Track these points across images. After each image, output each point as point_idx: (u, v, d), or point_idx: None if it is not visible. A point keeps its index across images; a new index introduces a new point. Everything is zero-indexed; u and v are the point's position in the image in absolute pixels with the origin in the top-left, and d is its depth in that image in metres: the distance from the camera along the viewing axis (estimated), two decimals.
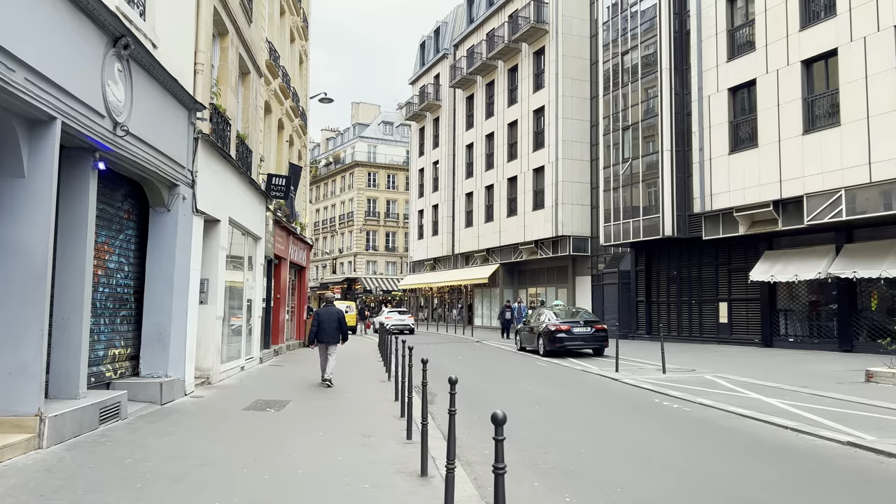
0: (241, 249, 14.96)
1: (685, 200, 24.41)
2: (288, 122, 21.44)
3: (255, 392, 11.31)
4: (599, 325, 19.86)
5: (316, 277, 72.58)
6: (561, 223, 31.53)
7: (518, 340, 22.82)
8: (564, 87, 31.96)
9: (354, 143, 69.24)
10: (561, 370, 16.29)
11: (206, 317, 11.96)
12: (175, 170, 9.88)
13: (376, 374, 15.33)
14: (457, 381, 5.75)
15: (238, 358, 14.73)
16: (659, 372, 15.01)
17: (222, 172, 12.39)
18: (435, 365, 18.98)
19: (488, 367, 17.16)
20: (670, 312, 26.23)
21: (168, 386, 9.58)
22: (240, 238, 14.79)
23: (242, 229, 14.53)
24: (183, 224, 10.22)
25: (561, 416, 9.78)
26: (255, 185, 15.35)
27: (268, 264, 17.79)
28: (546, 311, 21.66)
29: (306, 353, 21.23)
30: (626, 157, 26.39)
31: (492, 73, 38.42)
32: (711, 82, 22.48)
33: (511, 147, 36.39)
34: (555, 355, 19.82)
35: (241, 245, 14.99)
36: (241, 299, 15.03)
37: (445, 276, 43.15)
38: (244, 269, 15.14)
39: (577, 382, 13.79)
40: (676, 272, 26.09)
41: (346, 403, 10.34)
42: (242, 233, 14.80)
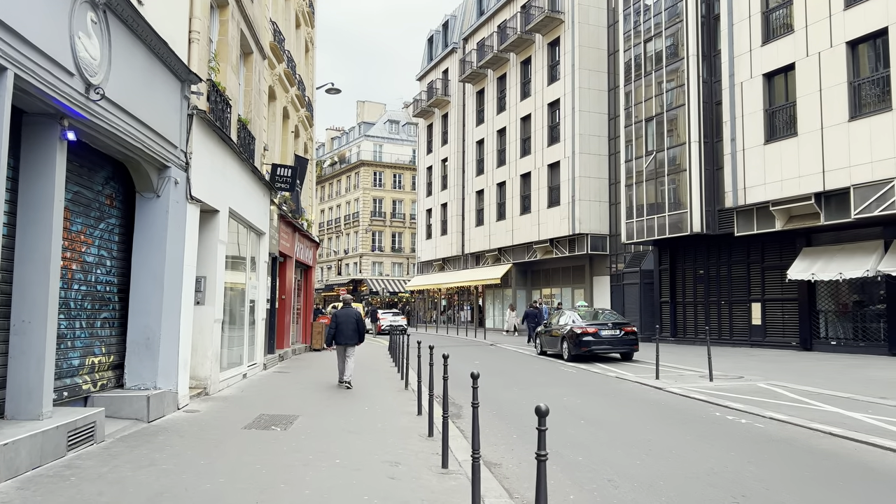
0: (242, 245, 13.61)
1: (714, 195, 22.99)
2: (293, 111, 20.11)
3: (258, 405, 9.95)
4: (628, 327, 18.46)
5: (321, 279, 71.28)
6: (578, 220, 30.13)
7: (538, 344, 21.43)
8: (581, 78, 30.58)
9: (360, 142, 67.95)
10: (592, 377, 14.89)
11: (202, 319, 10.61)
12: (165, 149, 8.53)
13: (390, 380, 13.97)
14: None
15: (239, 364, 13.38)
16: (704, 379, 13.62)
17: (221, 157, 11.05)
18: (450, 370, 17.65)
19: (511, 374, 15.78)
20: (697, 314, 24.80)
21: (157, 399, 8.22)
22: (241, 232, 13.44)
23: (244, 222, 13.18)
24: (175, 212, 8.87)
25: (615, 434, 8.39)
26: (259, 175, 14.01)
27: (272, 262, 16.44)
28: (569, 312, 20.27)
29: (313, 357, 19.87)
30: (649, 150, 24.99)
31: (503, 66, 37.06)
32: (744, 68, 21.07)
33: (524, 142, 35.02)
34: (580, 360, 18.43)
35: (243, 240, 13.65)
36: (243, 300, 13.68)
37: (455, 276, 41.77)
38: (246, 267, 13.79)
39: (616, 392, 12.39)
40: (703, 271, 24.66)
41: (362, 419, 8.97)
42: (244, 226, 13.45)
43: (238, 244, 13.27)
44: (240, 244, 13.42)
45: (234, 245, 12.94)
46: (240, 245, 13.42)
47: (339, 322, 12.36)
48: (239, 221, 12.89)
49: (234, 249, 12.99)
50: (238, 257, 13.38)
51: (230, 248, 12.73)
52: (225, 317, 12.44)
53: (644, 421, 9.32)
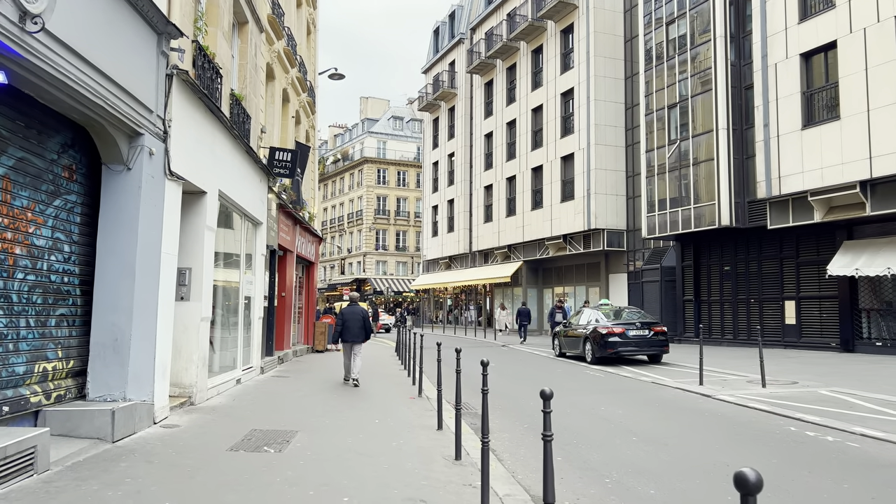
0: (235, 235, 12.17)
1: (744, 185, 21.51)
2: (294, 94, 18.68)
3: (250, 417, 8.50)
4: (658, 326, 16.98)
5: (324, 278, 69.87)
6: (594, 215, 28.64)
7: (557, 345, 19.95)
8: (597, 66, 29.10)
9: (363, 138, 66.52)
10: (626, 382, 13.41)
11: (187, 317, 9.17)
12: (137, 112, 7.09)
13: (400, 385, 12.53)
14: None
15: (233, 369, 11.93)
16: (754, 385, 12.14)
17: (209, 131, 9.61)
18: (465, 373, 16.18)
19: (534, 379, 14.31)
20: (724, 313, 23.30)
21: (125, 414, 6.77)
22: (234, 220, 12.00)
23: (237, 209, 11.74)
24: (150, 189, 7.43)
25: (680, 456, 6.92)
26: (255, 158, 12.57)
27: (270, 256, 15.00)
28: (591, 311, 18.79)
29: (315, 360, 18.42)
30: (672, 139, 23.51)
31: (513, 55, 35.59)
32: (778, 48, 19.58)
33: (535, 134, 33.54)
34: (605, 363, 16.97)
35: (237, 230, 12.21)
36: (238, 297, 12.24)
37: (462, 275, 40.30)
38: (240, 260, 12.34)
39: (659, 400, 10.91)
40: (730, 267, 23.17)
41: (374, 435, 7.52)
42: (238, 213, 12.01)
43: (230, 233, 11.83)
44: (233, 233, 11.99)
45: (225, 234, 11.50)
46: (233, 234, 11.98)
47: (345, 320, 12.36)
48: (231, 207, 11.45)
49: (225, 239, 11.55)
50: (231, 249, 11.95)
51: (222, 238, 11.29)
52: (216, 315, 11.01)
53: (708, 438, 7.84)
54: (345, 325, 12.32)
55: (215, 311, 11.14)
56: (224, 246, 11.49)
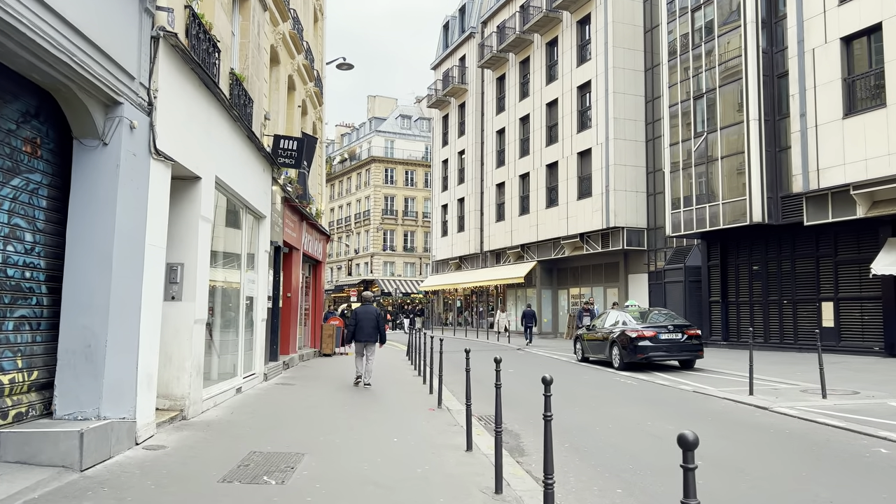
0: (236, 227, 11.06)
1: (777, 179, 20.27)
2: (300, 82, 17.58)
3: (250, 435, 7.37)
4: (691, 329, 15.78)
5: (331, 279, 68.84)
6: (613, 213, 27.43)
7: (579, 349, 18.76)
8: (615, 57, 27.91)
9: (371, 137, 65.47)
10: (664, 392, 12.21)
11: (178, 319, 8.06)
12: (114, 77, 5.98)
13: (417, 394, 11.39)
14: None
15: (233, 376, 10.81)
16: (812, 396, 10.93)
17: (205, 109, 8.49)
18: (482, 379, 14.99)
19: (561, 387, 13.11)
20: (753, 315, 22.05)
21: (97, 435, 5.65)
22: (234, 212, 10.89)
23: (238, 199, 10.62)
24: (131, 169, 6.32)
25: (765, 487, 5.73)
26: (258, 144, 11.46)
27: (275, 253, 13.89)
28: (616, 312, 17.61)
29: (323, 364, 17.29)
30: (698, 132, 22.29)
31: (526, 48, 34.44)
32: (816, 32, 18.35)
33: (550, 130, 32.37)
34: (634, 368, 15.79)
35: (237, 222, 11.10)
36: (239, 297, 11.13)
37: (473, 276, 39.13)
38: (241, 256, 11.23)
39: (710, 414, 9.71)
40: (760, 267, 21.92)
41: (393, 459, 6.37)
42: (238, 204, 10.90)
43: (229, 226, 10.72)
44: (233, 227, 10.88)
45: (224, 227, 10.39)
46: (233, 228, 10.87)
47: (358, 319, 12.16)
48: (231, 197, 10.33)
49: (224, 233, 10.44)
50: (230, 245, 10.84)
51: (220, 231, 10.19)
52: (214, 317, 9.90)
53: (788, 463, 6.65)
54: (358, 324, 12.14)
55: (213, 312, 10.03)
56: (223, 241, 10.38)
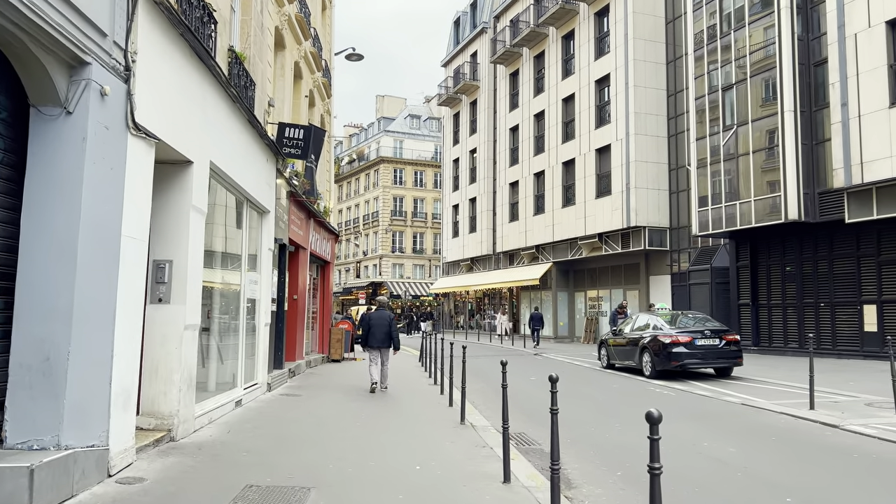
0: (235, 222, 9.99)
1: (813, 174, 19.04)
2: (307, 71, 16.52)
3: (247, 461, 6.27)
4: (730, 335, 14.59)
5: (339, 282, 67.86)
6: (633, 211, 26.23)
7: (604, 355, 17.59)
8: (636, 49, 26.73)
9: (379, 137, 64.46)
10: (708, 404, 11.03)
11: (166, 325, 6.98)
12: (79, 28, 4.89)
13: (434, 406, 10.30)
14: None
15: (232, 387, 9.73)
16: (883, 410, 9.73)
17: (197, 83, 7.41)
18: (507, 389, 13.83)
19: (591, 398, 11.97)
20: (786, 318, 20.81)
21: (53, 471, 4.56)
22: (233, 204, 9.81)
23: (236, 189, 9.54)
24: (102, 144, 5.24)
25: None
26: (260, 131, 10.38)
27: (279, 251, 12.81)
28: (646, 316, 16.44)
29: (332, 371, 16.18)
30: (727, 125, 21.08)
31: (541, 42, 33.31)
32: (859, 16, 17.13)
33: (566, 126, 31.20)
34: (667, 377, 14.61)
35: (237, 216, 10.02)
36: (238, 299, 10.05)
37: (485, 278, 37.98)
38: (242, 253, 10.14)
39: (773, 432, 8.53)
40: (794, 268, 20.67)
41: (418, 495, 5.25)
42: (238, 196, 9.81)
43: (228, 220, 9.65)
44: (231, 220, 9.80)
45: (221, 220, 9.32)
46: (231, 222, 9.80)
47: (371, 325, 11.76)
48: (229, 187, 9.25)
49: (222, 227, 9.37)
50: (229, 241, 9.77)
51: (218, 225, 9.11)
52: (211, 322, 8.83)
53: None
54: (370, 330, 11.74)
55: (210, 316, 8.96)
56: (220, 236, 9.31)
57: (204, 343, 8.79)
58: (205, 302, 8.72)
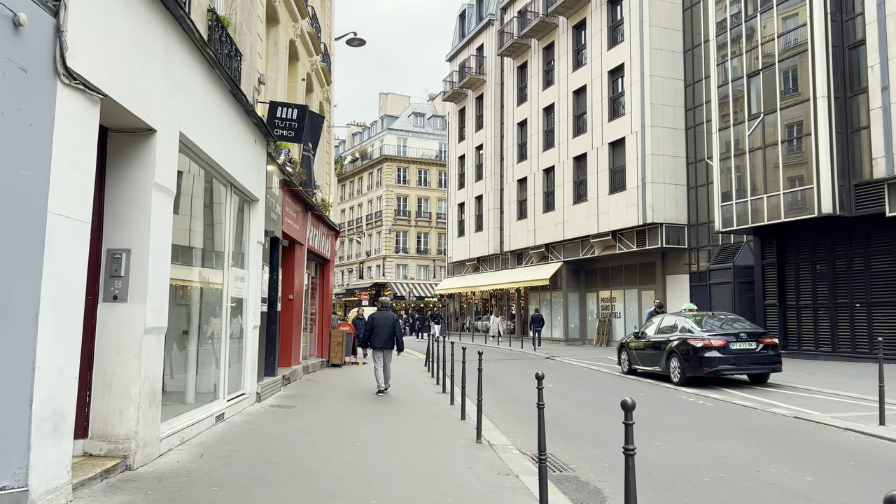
0: (216, 209, 8.72)
1: (849, 164, 17.72)
2: (304, 52, 15.28)
3: (214, 501, 5.00)
4: (767, 338, 13.29)
5: (342, 283, 66.65)
6: (650, 208, 24.91)
7: (625, 359, 16.29)
8: (651, 38, 25.43)
9: (383, 136, 63.23)
10: (755, 417, 9.73)
11: (122, 328, 5.73)
12: None
13: (444, 419, 9.03)
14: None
15: (212, 399, 8.46)
16: None
17: (163, 38, 6.15)
18: (521, 397, 12.44)
19: (619, 409, 10.67)
20: (818, 320, 19.47)
21: None
22: (214, 189, 8.55)
23: (217, 171, 8.27)
24: (12, 89, 3.99)
25: None
26: (247, 106, 9.11)
27: (271, 245, 11.55)
28: (672, 317, 15.15)
29: (332, 376, 14.89)
30: (753, 113, 19.77)
31: (551, 32, 32.04)
32: None
33: (578, 119, 29.91)
34: (698, 383, 13.32)
35: (218, 203, 8.76)
36: (221, 298, 8.78)
37: (492, 278, 36.69)
38: (225, 246, 8.88)
39: (854, 455, 7.23)
40: (826, 265, 19.33)
41: None
42: (219, 178, 8.55)
43: (206, 206, 8.39)
44: (209, 206, 8.54)
45: (198, 206, 8.06)
46: (209, 208, 8.53)
47: (375, 325, 11.60)
48: (207, 167, 7.99)
49: (199, 214, 8.11)
50: (209, 230, 8.51)
51: (195, 214, 7.87)
52: (186, 324, 7.58)
53: None
54: (374, 330, 11.58)
55: (187, 318, 7.73)
56: (197, 226, 8.05)
57: (178, 349, 7.55)
58: (180, 301, 7.49)
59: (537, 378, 5.12)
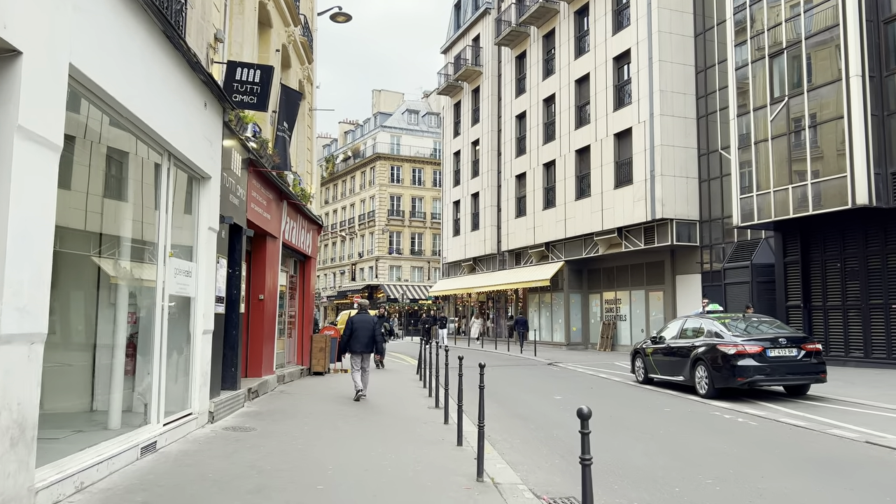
0: (144, 181, 6.91)
1: (886, 151, 16.03)
2: (279, 20, 13.48)
3: None
4: (810, 344, 11.54)
5: (333, 285, 64.78)
6: (659, 202, 23.18)
7: (641, 367, 14.53)
8: (660, 20, 23.73)
9: (376, 133, 61.41)
10: (816, 442, 7.96)
11: None
12: None
13: (437, 444, 7.23)
14: None
15: (141, 425, 6.64)
16: None
17: None
18: (527, 413, 10.69)
19: (642, 427, 8.87)
20: (848, 322, 17.75)
21: None
22: (140, 154, 6.74)
23: (144, 131, 6.44)
24: None
25: None
26: (190, 58, 7.29)
27: (229, 235, 9.71)
28: (696, 319, 13.39)
29: (310, 388, 12.96)
30: (776, 97, 18.07)
31: (551, 19, 30.32)
32: None
33: (580, 110, 28.18)
34: (728, 396, 11.58)
35: (147, 172, 6.94)
36: (153, 297, 6.96)
37: (489, 279, 34.88)
38: (158, 231, 7.05)
39: None
40: (857, 262, 17.62)
41: None
42: (149, 142, 6.71)
43: (130, 177, 6.58)
44: (140, 180, 6.73)
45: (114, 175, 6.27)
46: (137, 180, 6.72)
47: (354, 328, 11.18)
48: (128, 123, 6.16)
49: (115, 186, 6.31)
50: (135, 209, 6.70)
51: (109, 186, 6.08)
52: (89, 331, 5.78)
53: None
54: (353, 333, 11.14)
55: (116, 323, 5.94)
56: (113, 202, 6.25)
57: (86, 363, 5.75)
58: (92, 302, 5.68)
59: (581, 418, 3.33)
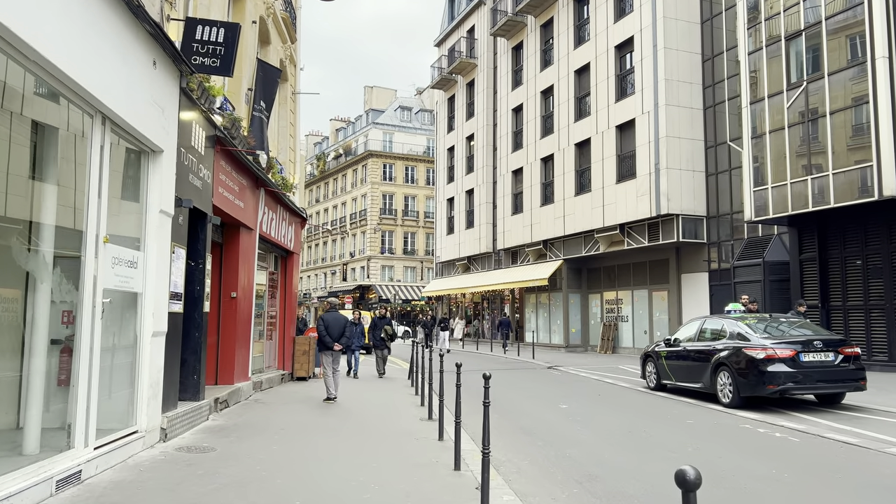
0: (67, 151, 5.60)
1: None
2: None
3: None
4: (848, 347, 10.32)
5: (324, 285, 63.38)
6: (665, 197, 21.98)
7: (652, 372, 13.30)
8: (666, 6, 22.55)
9: (368, 130, 60.08)
10: (887, 463, 6.73)
11: None
12: None
13: (432, 468, 6.10)
14: None
15: (64, 449, 5.33)
16: None
17: None
18: (532, 426, 9.47)
19: (662, 444, 7.60)
20: (871, 323, 16.58)
21: None
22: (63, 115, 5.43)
23: (63, 81, 5.12)
24: None
25: None
26: (132, 6, 5.98)
27: (191, 220, 8.38)
28: (716, 319, 12.16)
29: (288, 396, 11.60)
30: (793, 83, 16.89)
31: (549, 8, 29.10)
32: None
33: (580, 101, 26.97)
34: (755, 405, 10.36)
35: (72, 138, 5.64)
36: (79, 291, 5.64)
37: (484, 278, 33.62)
38: (92, 210, 5.74)
39: None
40: (881, 260, 16.46)
41: None
42: (73, 98, 5.40)
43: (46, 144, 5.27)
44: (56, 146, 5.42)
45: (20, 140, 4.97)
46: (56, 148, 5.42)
47: (328, 326, 11.07)
48: (43, 72, 4.85)
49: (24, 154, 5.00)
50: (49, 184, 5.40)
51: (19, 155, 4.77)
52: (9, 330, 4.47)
53: None
54: (328, 331, 11.09)
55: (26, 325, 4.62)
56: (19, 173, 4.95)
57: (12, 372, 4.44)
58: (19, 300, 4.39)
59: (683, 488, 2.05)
